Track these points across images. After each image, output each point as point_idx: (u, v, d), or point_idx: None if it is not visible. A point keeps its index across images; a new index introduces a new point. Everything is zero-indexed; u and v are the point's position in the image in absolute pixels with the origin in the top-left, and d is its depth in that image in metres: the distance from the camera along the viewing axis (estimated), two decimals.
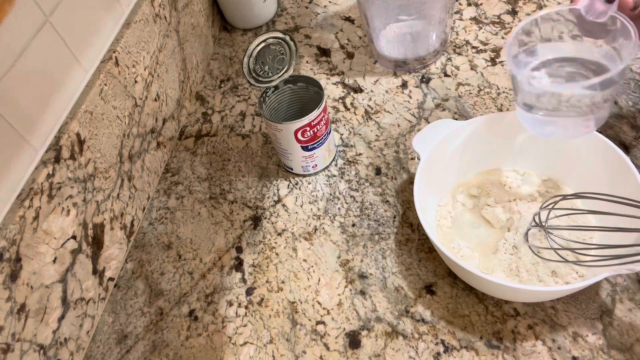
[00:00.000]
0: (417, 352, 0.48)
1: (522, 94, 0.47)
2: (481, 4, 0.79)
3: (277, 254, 0.58)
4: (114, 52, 0.58)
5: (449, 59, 0.73)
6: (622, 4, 0.44)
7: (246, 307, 0.54)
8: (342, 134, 0.68)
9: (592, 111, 0.45)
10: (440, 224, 0.55)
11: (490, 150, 0.57)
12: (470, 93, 0.68)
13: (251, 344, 0.52)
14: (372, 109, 0.70)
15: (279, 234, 0.60)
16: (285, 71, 0.59)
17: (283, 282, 0.56)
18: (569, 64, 0.49)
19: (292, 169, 0.64)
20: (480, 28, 0.76)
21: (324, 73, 0.76)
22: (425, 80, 0.71)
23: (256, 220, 0.61)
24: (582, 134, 0.49)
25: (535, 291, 0.45)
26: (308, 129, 0.58)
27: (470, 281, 0.49)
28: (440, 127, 0.55)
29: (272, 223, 0.61)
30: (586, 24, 0.45)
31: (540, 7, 0.76)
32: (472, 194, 0.57)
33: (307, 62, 0.78)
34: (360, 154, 0.65)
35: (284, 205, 0.62)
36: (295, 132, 0.58)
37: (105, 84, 0.57)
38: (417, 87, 0.71)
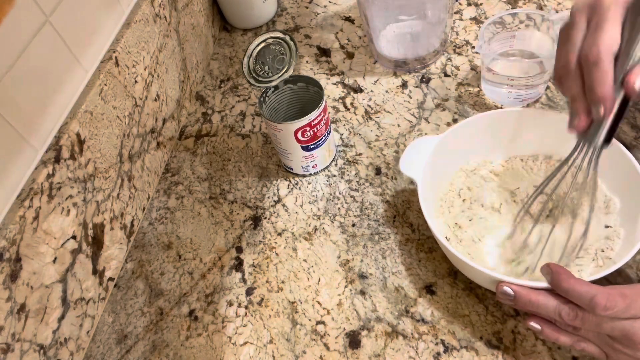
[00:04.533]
0: (417, 352, 0.48)
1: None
2: (481, 4, 0.79)
3: (277, 254, 0.58)
4: (114, 52, 0.59)
5: (449, 59, 0.73)
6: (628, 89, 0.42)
7: (246, 307, 0.54)
8: (342, 134, 0.68)
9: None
10: (444, 222, 0.54)
11: (490, 149, 0.57)
12: (470, 93, 0.68)
13: (251, 344, 0.52)
14: (372, 109, 0.70)
15: (279, 234, 0.60)
16: (285, 71, 0.59)
17: (283, 282, 0.56)
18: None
19: (292, 169, 0.64)
20: (480, 28, 0.76)
21: (324, 73, 0.76)
22: (425, 80, 0.71)
23: (256, 220, 0.61)
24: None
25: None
26: (308, 129, 0.58)
27: (479, 280, 0.49)
28: (421, 145, 0.54)
29: (272, 223, 0.61)
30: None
31: (540, 7, 0.76)
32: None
33: (307, 62, 0.78)
34: (360, 154, 0.65)
35: (284, 205, 0.62)
36: (295, 132, 0.58)
37: (105, 84, 0.57)
38: (417, 87, 0.71)
